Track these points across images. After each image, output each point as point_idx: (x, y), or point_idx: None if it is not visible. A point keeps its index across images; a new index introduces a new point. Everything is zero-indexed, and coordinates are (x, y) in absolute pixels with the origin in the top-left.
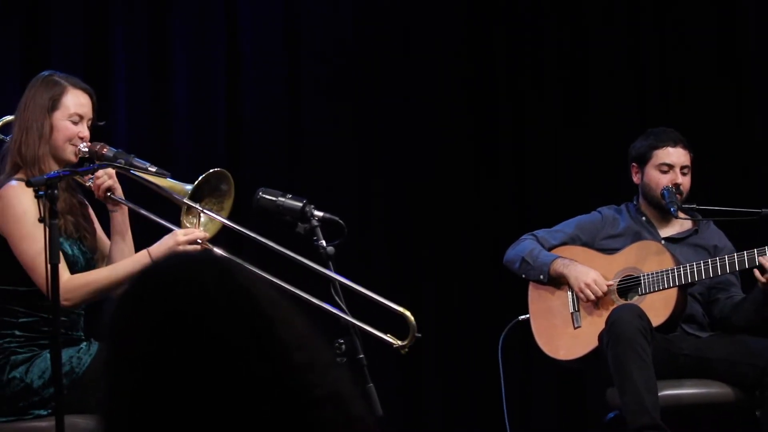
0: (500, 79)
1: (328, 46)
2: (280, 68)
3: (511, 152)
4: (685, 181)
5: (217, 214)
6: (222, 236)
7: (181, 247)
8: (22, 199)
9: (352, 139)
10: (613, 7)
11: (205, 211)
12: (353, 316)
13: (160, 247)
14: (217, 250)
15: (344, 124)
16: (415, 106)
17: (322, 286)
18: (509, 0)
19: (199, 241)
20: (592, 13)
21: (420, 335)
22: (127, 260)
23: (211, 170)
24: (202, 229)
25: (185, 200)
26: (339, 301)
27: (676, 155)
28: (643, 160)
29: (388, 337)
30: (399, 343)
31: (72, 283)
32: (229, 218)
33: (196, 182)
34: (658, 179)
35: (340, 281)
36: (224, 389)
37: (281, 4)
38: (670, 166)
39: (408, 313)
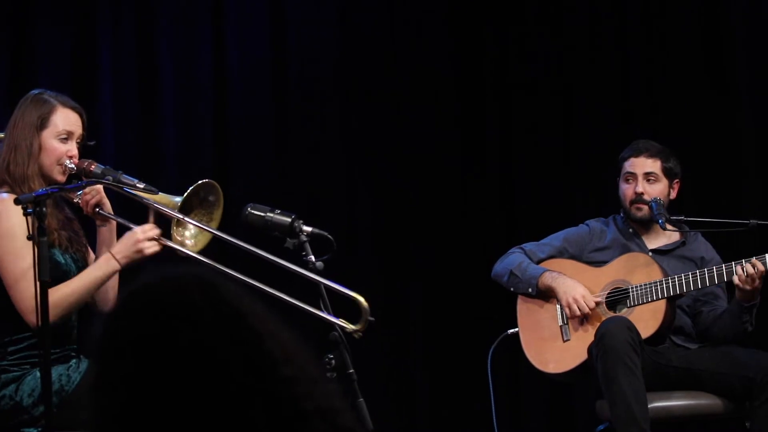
0: (488, 90)
1: (315, 56)
2: (266, 79)
3: (500, 166)
4: (650, 189)
5: (207, 226)
6: (212, 246)
7: (140, 245)
8: (11, 214)
9: (339, 151)
10: (600, 18)
11: (194, 223)
12: (307, 305)
13: (121, 246)
14: (204, 260)
15: (332, 134)
16: (403, 118)
17: (310, 292)
18: (497, 10)
19: (156, 237)
20: (579, 23)
21: (372, 319)
22: (92, 266)
23: (199, 182)
24: (193, 240)
25: (175, 213)
26: (327, 308)
27: (638, 164)
28: (617, 173)
29: (341, 322)
30: (352, 327)
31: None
32: (218, 229)
33: (184, 195)
34: (624, 190)
35: (305, 274)
36: (212, 404)
37: (268, 15)
38: (633, 175)
39: (360, 298)
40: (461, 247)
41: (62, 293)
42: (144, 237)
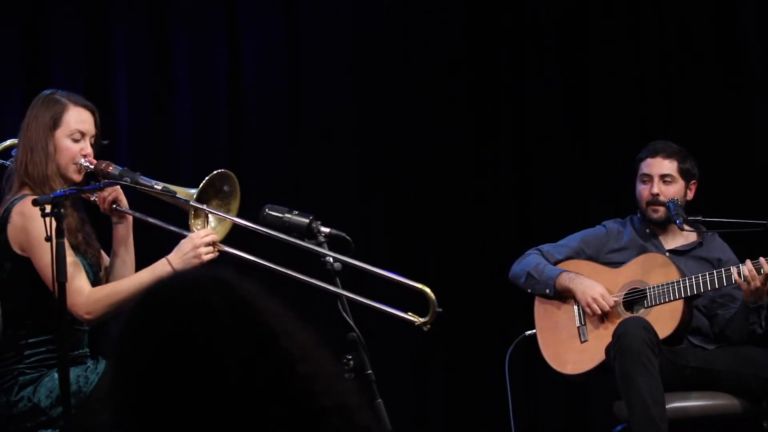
0: (502, 90)
1: (329, 57)
2: (281, 80)
3: (516, 167)
4: (666, 190)
5: (226, 214)
6: (230, 237)
7: (200, 250)
8: (37, 216)
9: (354, 154)
10: (615, 18)
11: (212, 211)
12: (371, 299)
13: (179, 252)
14: (230, 250)
15: (345, 136)
16: (417, 120)
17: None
18: (513, 11)
19: (213, 242)
20: (595, 23)
21: (441, 310)
22: (146, 270)
23: (214, 172)
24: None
25: (192, 203)
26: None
27: (654, 165)
28: (634, 174)
29: (410, 316)
30: (420, 320)
31: (94, 296)
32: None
33: (200, 185)
34: (640, 191)
35: (353, 264)
36: (230, 402)
37: (282, 15)
38: (649, 176)
39: (427, 289)
40: (478, 249)
41: (111, 290)
42: (201, 243)
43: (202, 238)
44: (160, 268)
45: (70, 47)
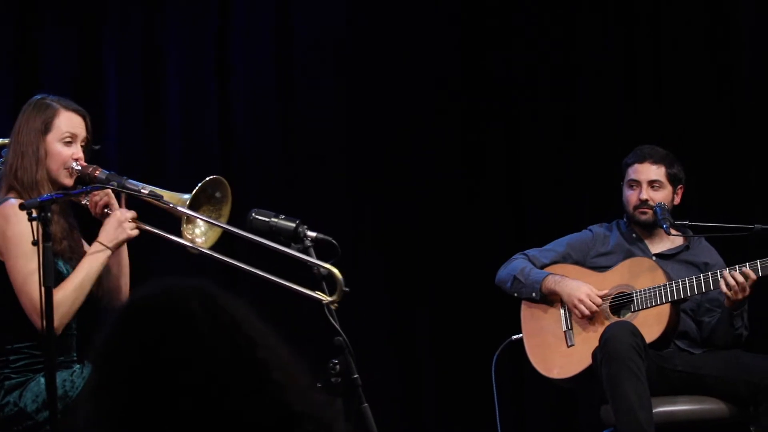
0: (493, 95)
1: (320, 59)
2: (271, 83)
3: (504, 170)
4: (654, 196)
5: (216, 221)
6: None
7: (126, 224)
8: (20, 219)
9: (343, 159)
10: (606, 22)
11: (205, 218)
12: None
13: (108, 233)
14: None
15: (336, 143)
16: (407, 125)
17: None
18: (500, 18)
19: (132, 219)
20: (585, 27)
21: (348, 289)
22: (86, 259)
23: (206, 178)
24: (203, 237)
25: (185, 210)
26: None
27: (642, 171)
28: (622, 178)
29: (317, 294)
30: (328, 298)
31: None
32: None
33: (193, 192)
34: (628, 196)
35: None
36: (209, 407)
37: (273, 18)
38: (637, 182)
39: (335, 269)
40: (465, 254)
41: (65, 291)
42: (125, 218)
43: (125, 214)
44: (98, 251)
45: (61, 49)
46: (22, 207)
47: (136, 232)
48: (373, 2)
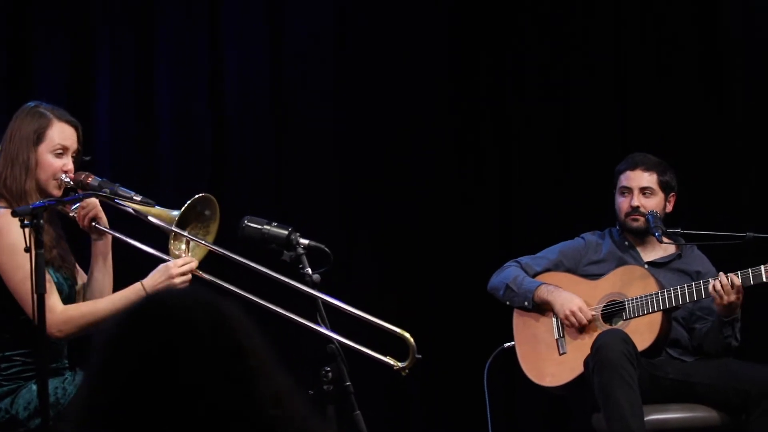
0: (485, 102)
1: (314, 60)
2: (264, 90)
3: (497, 178)
4: (646, 203)
5: (203, 240)
6: (209, 260)
7: (175, 279)
8: (12, 228)
9: (335, 165)
10: (597, 30)
11: (192, 238)
12: (349, 339)
13: (154, 279)
14: (207, 276)
15: (327, 148)
16: (401, 133)
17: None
18: (492, 21)
19: (191, 271)
20: (576, 36)
21: (420, 356)
22: (120, 293)
23: (196, 196)
24: (189, 254)
25: (173, 228)
26: (325, 322)
27: (634, 178)
28: (614, 186)
29: (388, 359)
30: (399, 365)
31: (66, 314)
32: (215, 243)
33: (181, 209)
34: (619, 203)
35: (337, 305)
36: (207, 416)
37: (265, 23)
38: (629, 189)
39: (407, 335)
40: (458, 261)
41: (87, 310)
42: (177, 273)
43: (179, 267)
44: (134, 292)
45: (54, 58)
46: (14, 214)
47: (186, 285)
48: (368, 3)
